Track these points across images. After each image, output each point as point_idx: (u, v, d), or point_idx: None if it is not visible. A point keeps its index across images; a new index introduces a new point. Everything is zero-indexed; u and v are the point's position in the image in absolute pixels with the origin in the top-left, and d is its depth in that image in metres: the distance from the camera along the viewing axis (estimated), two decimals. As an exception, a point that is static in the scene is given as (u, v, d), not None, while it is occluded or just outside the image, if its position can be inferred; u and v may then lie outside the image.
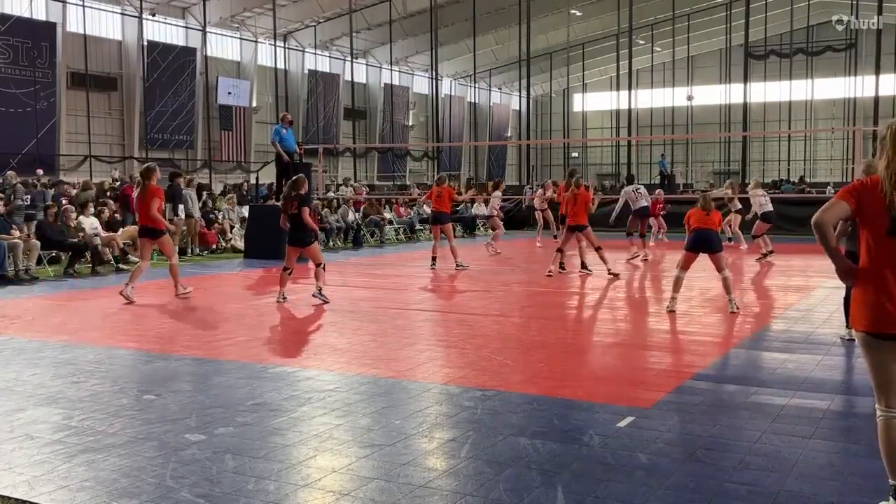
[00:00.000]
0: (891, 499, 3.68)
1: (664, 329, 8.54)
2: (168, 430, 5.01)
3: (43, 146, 26.47)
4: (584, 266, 13.55)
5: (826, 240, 3.53)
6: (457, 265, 14.33)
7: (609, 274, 12.91)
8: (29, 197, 16.85)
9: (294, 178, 10.74)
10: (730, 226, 18.48)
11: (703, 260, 9.55)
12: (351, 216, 21.09)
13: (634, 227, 16.06)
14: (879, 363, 3.64)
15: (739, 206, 18.25)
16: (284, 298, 10.48)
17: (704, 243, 9.35)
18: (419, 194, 24.81)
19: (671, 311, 9.41)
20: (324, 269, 10.67)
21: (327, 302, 10.29)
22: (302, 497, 3.96)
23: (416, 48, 40.34)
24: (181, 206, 17.07)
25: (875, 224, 3.53)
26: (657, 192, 20.99)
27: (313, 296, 10.41)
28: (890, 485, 3.66)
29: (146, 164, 11.52)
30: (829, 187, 29.72)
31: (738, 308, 9.42)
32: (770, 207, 16.53)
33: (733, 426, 5.03)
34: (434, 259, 14.87)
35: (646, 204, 16.17)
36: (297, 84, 36.69)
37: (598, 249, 13.00)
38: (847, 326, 4.39)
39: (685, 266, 9.57)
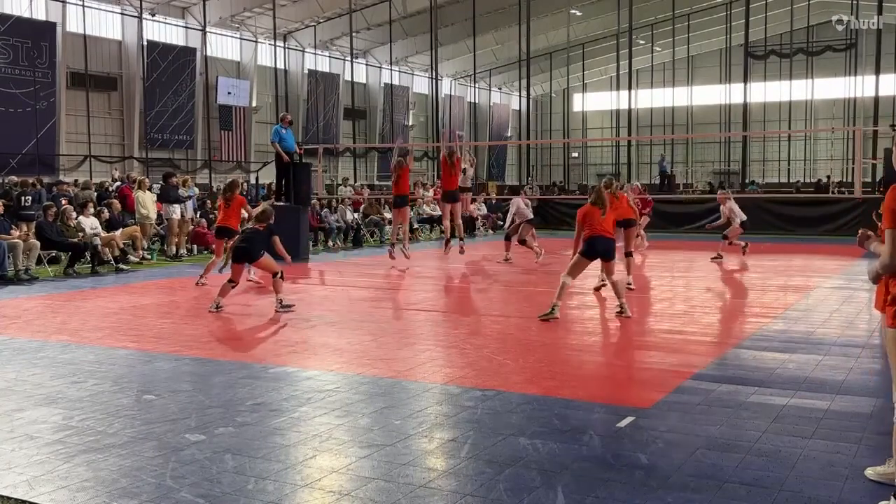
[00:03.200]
0: (892, 498, 3.67)
1: (664, 329, 8.54)
2: (168, 430, 5.00)
3: (43, 146, 26.48)
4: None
5: None
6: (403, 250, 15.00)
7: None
8: (29, 198, 16.84)
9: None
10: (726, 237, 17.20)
11: (702, 260, 9.52)
12: (350, 216, 21.10)
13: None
14: None
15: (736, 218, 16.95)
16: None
17: (601, 252, 9.03)
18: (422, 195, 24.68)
19: (545, 320, 8.85)
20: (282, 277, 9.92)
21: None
22: (302, 497, 3.96)
23: (416, 48, 40.33)
24: (178, 207, 17.08)
25: None
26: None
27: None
28: None
29: (231, 180, 13.73)
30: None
31: (630, 313, 9.05)
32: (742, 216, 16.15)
33: (733, 426, 5.03)
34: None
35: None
36: (296, 84, 36.69)
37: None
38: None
39: (575, 273, 9.11)
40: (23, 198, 16.39)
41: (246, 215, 12.18)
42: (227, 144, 33.50)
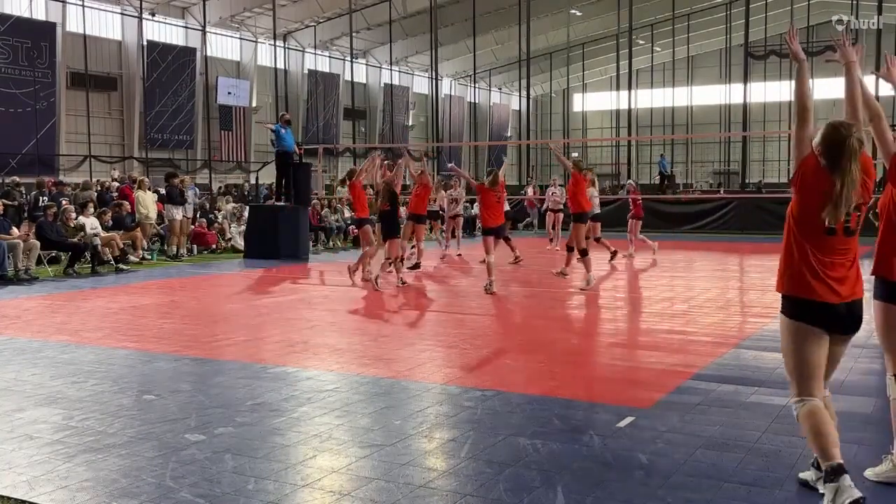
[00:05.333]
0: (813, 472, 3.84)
1: (664, 329, 8.54)
2: (168, 430, 5.00)
3: (43, 146, 26.48)
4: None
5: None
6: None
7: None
8: (46, 198, 16.84)
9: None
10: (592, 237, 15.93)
11: (701, 260, 9.52)
12: (348, 214, 21.10)
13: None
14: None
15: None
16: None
17: (496, 233, 11.48)
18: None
19: (492, 293, 10.95)
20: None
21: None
22: (302, 497, 3.96)
23: (416, 48, 40.33)
24: (180, 207, 17.09)
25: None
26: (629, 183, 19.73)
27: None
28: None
29: (351, 168, 14.13)
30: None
31: (495, 290, 10.95)
32: (598, 210, 15.91)
33: (733, 426, 5.02)
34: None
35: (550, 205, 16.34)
36: (296, 84, 36.69)
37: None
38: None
39: (490, 250, 11.27)
40: (41, 198, 16.41)
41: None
42: (227, 144, 33.50)
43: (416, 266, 14.08)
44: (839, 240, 3.67)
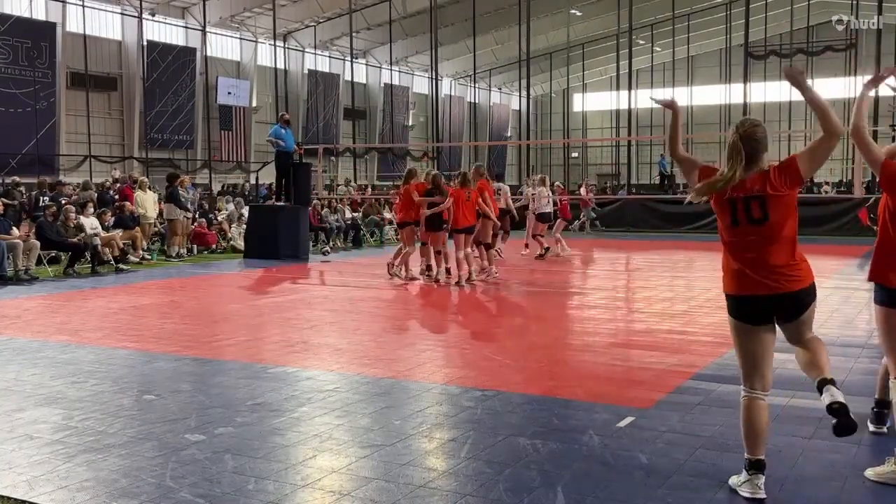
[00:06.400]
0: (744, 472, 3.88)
1: (664, 329, 8.54)
2: (168, 430, 5.00)
3: (43, 146, 26.49)
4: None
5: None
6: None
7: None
8: (47, 198, 16.85)
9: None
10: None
11: (702, 260, 9.52)
12: (348, 214, 21.11)
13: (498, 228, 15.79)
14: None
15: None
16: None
17: (464, 232, 12.00)
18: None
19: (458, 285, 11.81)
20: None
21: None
22: (302, 497, 3.96)
23: (416, 48, 40.34)
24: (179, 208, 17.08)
25: None
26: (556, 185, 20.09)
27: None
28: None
29: (409, 169, 14.03)
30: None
31: (476, 279, 11.93)
32: (548, 209, 16.25)
33: (733, 426, 5.01)
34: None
35: (502, 206, 16.09)
36: (296, 84, 36.69)
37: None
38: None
39: (460, 246, 12.00)
40: (41, 198, 16.39)
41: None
42: (227, 144, 33.51)
43: (430, 268, 14.03)
44: (746, 230, 3.78)
